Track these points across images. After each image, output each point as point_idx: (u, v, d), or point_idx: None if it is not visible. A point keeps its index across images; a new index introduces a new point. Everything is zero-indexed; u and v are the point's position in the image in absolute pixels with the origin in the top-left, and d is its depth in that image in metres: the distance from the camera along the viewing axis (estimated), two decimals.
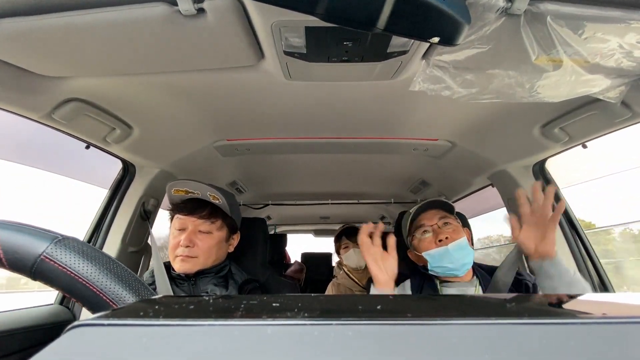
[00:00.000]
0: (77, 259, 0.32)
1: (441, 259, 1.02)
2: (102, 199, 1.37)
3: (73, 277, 0.31)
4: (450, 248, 1.00)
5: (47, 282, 0.32)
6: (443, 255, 1.01)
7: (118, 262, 0.34)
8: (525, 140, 1.18)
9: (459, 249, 1.01)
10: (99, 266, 0.32)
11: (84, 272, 0.31)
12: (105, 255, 0.34)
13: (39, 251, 0.31)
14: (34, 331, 1.07)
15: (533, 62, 0.67)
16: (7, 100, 0.83)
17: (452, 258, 1.00)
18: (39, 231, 0.32)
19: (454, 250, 1.00)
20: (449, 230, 1.04)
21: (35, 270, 0.31)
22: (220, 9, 0.61)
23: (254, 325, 0.21)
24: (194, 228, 1.03)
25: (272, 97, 0.99)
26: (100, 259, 0.33)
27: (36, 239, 0.31)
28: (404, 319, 0.21)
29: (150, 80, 0.89)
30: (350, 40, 0.68)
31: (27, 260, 0.31)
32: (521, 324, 0.21)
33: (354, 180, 1.98)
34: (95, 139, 1.10)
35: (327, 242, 4.15)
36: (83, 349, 0.19)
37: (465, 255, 1.02)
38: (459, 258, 1.01)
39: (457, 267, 1.01)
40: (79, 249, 0.32)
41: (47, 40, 0.67)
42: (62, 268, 0.31)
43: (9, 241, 0.31)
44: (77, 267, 0.31)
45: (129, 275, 0.34)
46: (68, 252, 0.32)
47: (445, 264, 1.02)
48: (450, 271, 1.02)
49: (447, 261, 1.01)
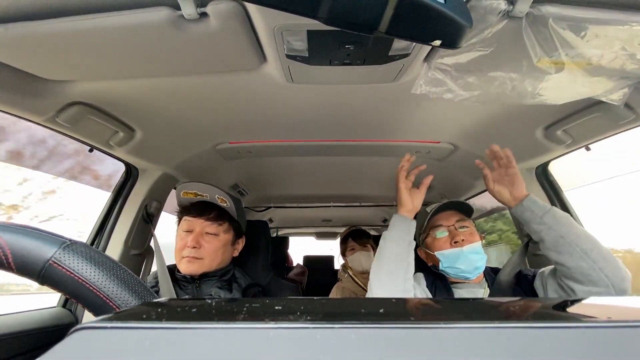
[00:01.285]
0: (84, 265, 0.32)
1: (455, 260, 1.02)
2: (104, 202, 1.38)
3: (81, 283, 0.31)
4: (465, 250, 1.01)
5: (54, 287, 0.31)
6: (458, 256, 1.02)
7: (125, 268, 0.34)
8: (528, 143, 1.18)
9: (474, 253, 1.02)
10: (106, 272, 0.32)
11: (92, 278, 0.31)
12: (112, 261, 0.34)
13: (48, 256, 0.31)
14: (37, 334, 1.07)
15: (535, 64, 0.67)
16: (12, 104, 0.83)
17: (466, 260, 1.01)
18: (48, 235, 0.32)
19: (469, 253, 1.01)
20: (466, 233, 1.04)
21: (44, 275, 0.31)
22: (222, 13, 0.61)
23: (257, 328, 0.21)
24: (201, 230, 1.04)
25: (274, 100, 0.99)
26: (107, 264, 0.33)
27: (45, 243, 0.31)
28: (407, 323, 0.21)
29: (153, 83, 0.89)
30: (352, 43, 0.69)
31: (36, 265, 0.31)
32: (525, 327, 0.21)
33: (356, 182, 1.98)
34: (99, 142, 1.10)
35: (329, 245, 4.15)
36: (86, 351, 0.19)
37: (479, 259, 1.02)
38: (473, 261, 1.01)
39: (469, 270, 1.01)
40: (86, 254, 0.32)
41: (51, 44, 0.68)
42: (69, 273, 0.31)
43: (18, 245, 0.31)
44: (85, 272, 0.31)
45: (136, 282, 0.34)
46: (76, 258, 0.31)
47: (458, 265, 1.02)
48: (462, 273, 1.02)
49: (461, 263, 1.02)
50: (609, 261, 0.85)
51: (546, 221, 0.91)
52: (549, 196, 1.33)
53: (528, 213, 0.95)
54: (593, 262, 0.85)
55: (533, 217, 0.94)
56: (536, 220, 0.93)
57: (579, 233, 0.89)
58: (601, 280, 0.84)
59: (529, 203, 0.95)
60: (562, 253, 0.89)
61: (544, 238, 0.92)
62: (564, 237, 0.88)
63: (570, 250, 0.87)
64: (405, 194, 1.02)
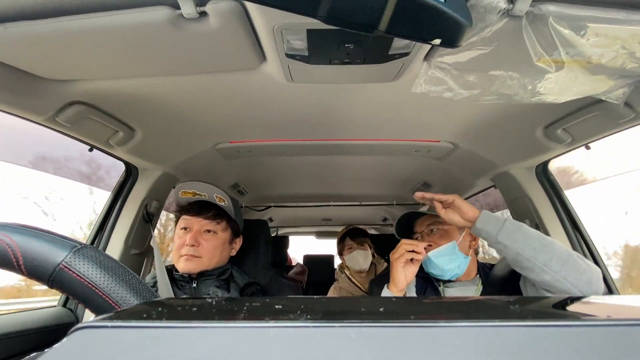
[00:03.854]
0: (94, 269, 0.31)
1: (427, 266, 1.05)
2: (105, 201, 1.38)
3: (89, 287, 0.31)
4: (431, 255, 1.02)
5: (63, 291, 0.31)
6: (426, 262, 1.04)
7: (133, 273, 0.34)
8: (528, 142, 1.18)
9: (440, 256, 1.02)
10: (115, 277, 0.32)
11: (100, 282, 0.31)
12: (120, 265, 0.34)
13: (58, 260, 0.31)
14: (38, 333, 1.07)
15: (535, 63, 0.67)
16: (11, 103, 0.83)
17: (434, 265, 1.03)
18: (59, 239, 0.32)
19: (435, 257, 1.02)
20: (435, 237, 1.06)
21: (54, 279, 0.31)
22: (222, 12, 0.61)
23: (257, 327, 0.21)
24: (199, 228, 1.05)
25: (274, 99, 0.99)
26: (116, 270, 0.33)
27: (56, 247, 0.31)
28: (406, 322, 0.21)
29: (152, 83, 0.89)
30: (351, 42, 0.69)
31: (47, 268, 0.30)
32: (524, 326, 0.21)
33: (356, 182, 1.98)
34: (99, 141, 1.10)
35: (329, 244, 4.15)
36: (87, 350, 0.19)
37: (450, 261, 1.02)
38: (441, 264, 1.02)
39: (441, 273, 1.03)
40: (96, 259, 0.32)
41: (51, 43, 0.67)
42: (79, 278, 0.31)
43: (29, 247, 0.30)
44: (94, 277, 0.31)
45: (143, 287, 0.34)
46: (86, 262, 0.31)
47: (431, 270, 1.05)
48: (439, 277, 1.05)
49: (432, 268, 1.04)
50: (571, 268, 0.83)
51: (501, 240, 0.87)
52: (549, 195, 1.33)
53: (483, 234, 0.91)
54: (555, 273, 0.82)
55: (488, 237, 0.90)
56: (492, 240, 0.89)
57: (535, 246, 0.85)
58: (569, 289, 0.82)
59: (481, 224, 0.90)
60: (524, 269, 0.87)
61: (505, 255, 0.90)
62: (521, 254, 0.85)
63: (530, 266, 0.85)
64: (400, 271, 0.98)
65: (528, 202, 1.35)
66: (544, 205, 1.33)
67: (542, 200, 1.33)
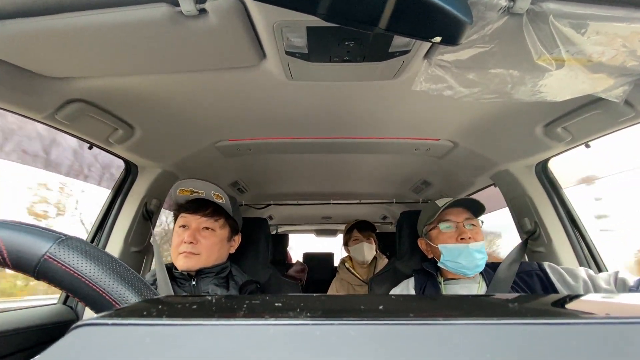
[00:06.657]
0: (80, 259, 0.32)
1: (458, 255, 1.05)
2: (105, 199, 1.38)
3: (76, 277, 0.31)
4: (471, 247, 1.03)
5: (51, 282, 0.32)
6: (462, 252, 1.04)
7: (121, 262, 0.34)
8: (527, 140, 1.18)
9: (478, 251, 1.04)
10: (102, 266, 0.32)
11: (87, 272, 0.31)
12: (108, 255, 0.34)
13: (43, 251, 0.31)
14: (38, 330, 1.07)
15: (535, 61, 0.66)
16: (10, 101, 0.83)
17: (469, 257, 1.04)
18: (42, 231, 0.32)
19: (474, 250, 1.04)
20: (472, 231, 1.07)
21: (39, 270, 0.31)
22: (221, 9, 0.61)
23: (256, 325, 0.21)
24: (197, 225, 1.05)
25: (274, 97, 0.99)
26: (103, 259, 0.33)
27: (39, 238, 0.32)
28: (406, 319, 0.21)
29: (152, 80, 0.89)
30: (351, 40, 0.68)
31: (31, 260, 0.31)
32: (524, 324, 0.21)
33: (356, 180, 1.98)
34: (98, 139, 1.10)
35: (328, 242, 4.16)
36: (87, 348, 0.19)
37: (481, 258, 1.05)
38: (476, 259, 1.04)
39: (470, 267, 1.04)
40: (82, 249, 0.32)
41: (49, 41, 0.67)
42: (65, 268, 0.31)
43: (12, 241, 0.31)
44: (81, 267, 0.31)
45: (132, 275, 0.34)
46: (71, 252, 0.32)
47: (460, 260, 1.05)
48: (462, 269, 1.05)
49: (464, 259, 1.04)
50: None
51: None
52: (549, 193, 1.33)
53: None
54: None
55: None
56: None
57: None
58: None
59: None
60: None
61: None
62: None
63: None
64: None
65: (528, 200, 1.35)
66: (543, 204, 1.33)
67: (542, 198, 1.33)
